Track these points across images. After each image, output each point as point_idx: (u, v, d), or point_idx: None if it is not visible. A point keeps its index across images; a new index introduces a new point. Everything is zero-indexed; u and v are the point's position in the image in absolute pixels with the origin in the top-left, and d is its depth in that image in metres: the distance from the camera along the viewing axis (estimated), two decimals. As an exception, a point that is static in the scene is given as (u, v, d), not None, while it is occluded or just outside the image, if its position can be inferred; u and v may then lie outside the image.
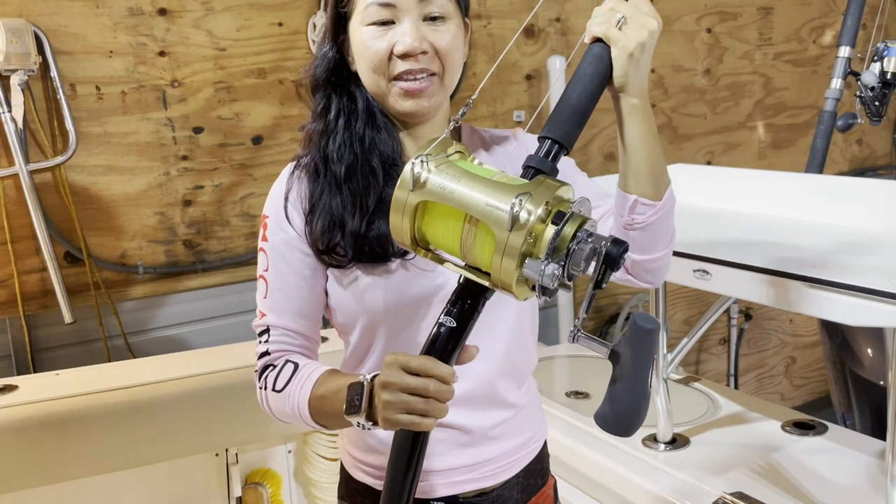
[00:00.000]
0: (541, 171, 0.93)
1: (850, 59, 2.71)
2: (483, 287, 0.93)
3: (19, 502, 2.04)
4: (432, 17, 1.12)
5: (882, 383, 2.57)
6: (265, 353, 1.20)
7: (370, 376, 1.02)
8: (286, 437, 2.38)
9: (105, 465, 2.10)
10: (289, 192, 1.19)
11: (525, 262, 0.85)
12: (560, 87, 1.08)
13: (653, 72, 3.53)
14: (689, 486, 1.78)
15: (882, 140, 4.33)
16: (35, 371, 2.46)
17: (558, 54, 3.23)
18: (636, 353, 0.89)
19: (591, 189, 1.24)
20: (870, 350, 2.65)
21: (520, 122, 3.23)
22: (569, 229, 0.86)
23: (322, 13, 2.55)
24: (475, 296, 0.94)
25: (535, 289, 0.87)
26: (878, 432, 2.24)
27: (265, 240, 1.20)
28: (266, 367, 1.19)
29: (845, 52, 2.71)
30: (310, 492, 2.40)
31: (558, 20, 3.28)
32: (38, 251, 2.45)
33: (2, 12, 2.36)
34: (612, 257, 0.86)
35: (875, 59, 2.54)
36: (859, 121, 2.62)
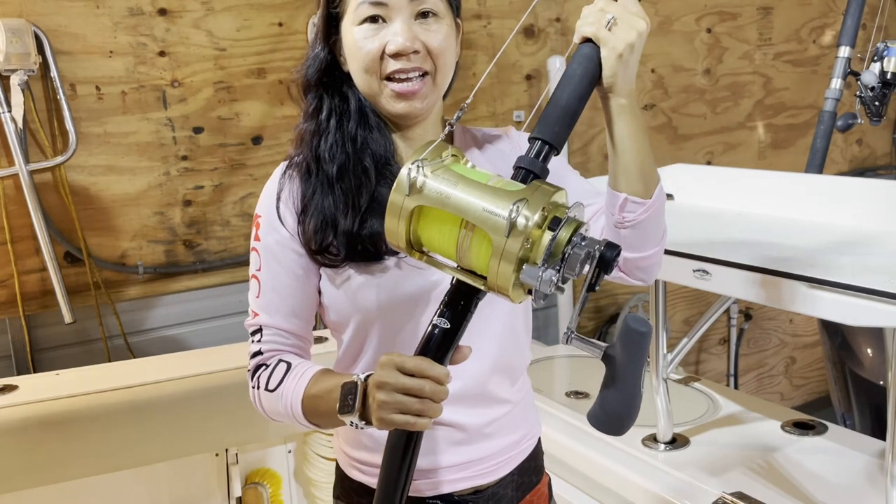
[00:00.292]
0: (532, 172, 0.95)
1: (850, 59, 2.72)
2: (476, 289, 0.94)
3: (19, 502, 2.04)
4: (424, 14, 1.12)
5: (882, 383, 2.57)
6: (258, 353, 1.20)
7: (364, 376, 1.02)
8: (286, 437, 2.38)
9: (105, 465, 2.10)
10: (281, 191, 1.19)
11: (523, 267, 0.87)
12: (560, 88, 1.09)
13: (652, 72, 3.54)
14: (689, 486, 1.78)
15: (882, 140, 4.32)
16: (35, 371, 2.46)
17: (558, 54, 3.23)
18: (628, 355, 0.91)
19: (584, 187, 1.25)
20: (870, 350, 2.65)
21: (519, 122, 3.23)
22: (564, 234, 0.88)
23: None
24: (468, 297, 0.95)
25: (531, 292, 0.89)
26: (878, 432, 2.24)
27: (258, 239, 1.20)
28: (259, 366, 1.20)
29: (845, 52, 2.71)
30: (310, 492, 2.40)
31: (558, 20, 3.28)
32: (38, 251, 2.45)
33: (2, 12, 2.36)
34: (605, 261, 0.88)
35: (875, 59, 2.55)
36: (859, 121, 2.62)
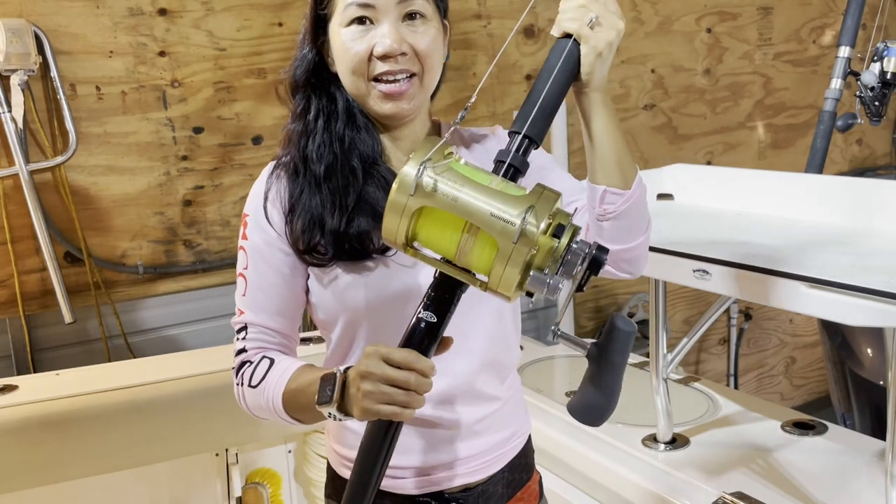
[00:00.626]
0: (512, 166, 0.99)
1: (849, 59, 2.72)
2: (459, 282, 0.96)
3: (19, 502, 2.04)
4: (411, 16, 1.13)
5: (882, 383, 2.57)
6: (242, 350, 1.21)
7: (343, 368, 1.03)
8: (286, 437, 2.38)
9: (105, 465, 2.10)
10: (268, 191, 1.20)
11: (530, 273, 0.90)
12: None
13: (652, 72, 3.54)
14: (689, 486, 1.78)
15: (882, 140, 4.32)
16: (35, 371, 2.46)
17: (558, 54, 3.23)
18: (612, 353, 0.96)
19: (569, 183, 1.26)
20: (870, 350, 2.65)
21: (520, 122, 3.22)
22: (565, 240, 0.91)
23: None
24: (452, 290, 0.97)
25: (528, 291, 0.92)
26: (878, 432, 2.24)
27: (245, 238, 1.21)
28: (243, 363, 1.20)
29: (845, 52, 2.71)
30: (310, 492, 2.40)
31: (558, 20, 3.28)
32: (38, 251, 2.45)
33: (2, 12, 2.36)
34: (597, 262, 0.91)
35: (875, 59, 2.54)
36: (859, 121, 2.62)
